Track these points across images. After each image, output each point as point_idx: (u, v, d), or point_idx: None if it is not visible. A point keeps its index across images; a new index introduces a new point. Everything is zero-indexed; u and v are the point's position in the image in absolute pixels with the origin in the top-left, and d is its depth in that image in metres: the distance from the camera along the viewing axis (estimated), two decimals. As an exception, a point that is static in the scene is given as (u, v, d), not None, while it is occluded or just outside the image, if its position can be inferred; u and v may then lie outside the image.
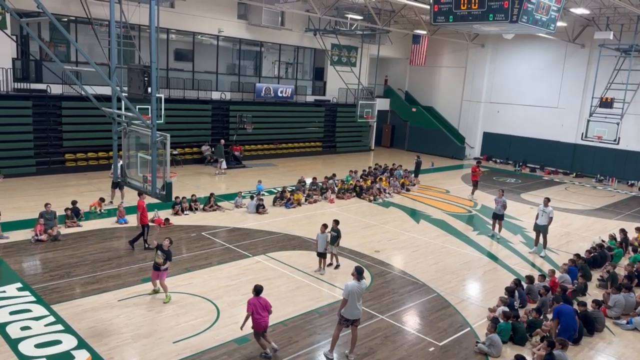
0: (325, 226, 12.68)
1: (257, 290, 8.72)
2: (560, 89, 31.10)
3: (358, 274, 8.85)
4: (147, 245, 13.49)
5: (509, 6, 11.68)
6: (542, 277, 12.49)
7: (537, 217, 15.49)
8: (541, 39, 29.83)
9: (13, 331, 8.99)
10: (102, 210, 16.28)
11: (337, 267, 13.08)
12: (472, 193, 22.58)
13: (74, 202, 15.41)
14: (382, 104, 36.08)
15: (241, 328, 8.79)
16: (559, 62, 30.98)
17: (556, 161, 31.41)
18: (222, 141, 25.12)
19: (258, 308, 8.56)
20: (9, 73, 19.91)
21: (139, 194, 12.61)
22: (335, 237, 12.81)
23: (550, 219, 15.25)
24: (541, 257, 15.12)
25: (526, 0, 11.59)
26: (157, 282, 10.70)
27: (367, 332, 9.81)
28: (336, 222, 13.01)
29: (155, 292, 10.82)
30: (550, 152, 31.65)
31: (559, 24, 14.25)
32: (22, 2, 12.10)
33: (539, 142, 32.10)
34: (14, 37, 20.64)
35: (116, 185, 16.38)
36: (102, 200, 16.55)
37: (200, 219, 16.52)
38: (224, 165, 24.16)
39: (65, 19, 21.45)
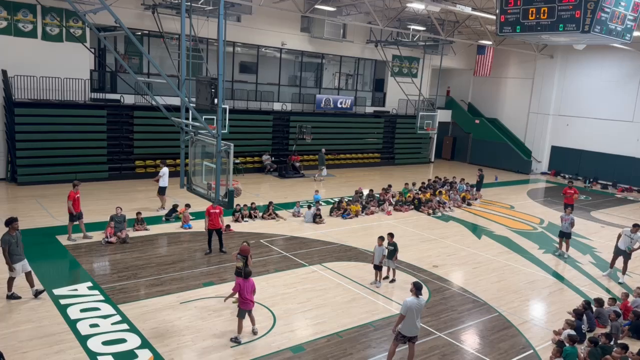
0: (382, 239, 12.56)
1: (247, 274, 9.53)
2: (636, 102, 29.34)
3: (417, 289, 8.67)
4: (208, 251, 13.92)
5: (580, 16, 11.16)
6: (613, 300, 11.75)
7: (618, 239, 14.57)
8: (615, 50, 28.34)
9: (83, 328, 9.51)
10: (189, 216, 16.52)
11: (392, 281, 12.90)
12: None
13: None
14: (444, 115, 35.43)
15: (225, 300, 10.12)
16: (635, 73, 29.26)
17: (631, 178, 29.54)
18: (324, 150, 26.02)
19: (243, 290, 9.33)
20: (86, 84, 21.27)
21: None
22: (393, 252, 12.65)
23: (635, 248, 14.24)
24: (619, 283, 14.17)
25: (600, 10, 11.04)
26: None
27: (424, 349, 9.60)
28: (391, 235, 12.85)
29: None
30: (624, 169, 29.82)
31: (636, 33, 13.48)
32: (101, 18, 12.93)
33: (612, 157, 30.36)
34: (92, 50, 22.05)
35: (162, 191, 17.56)
36: (187, 206, 16.82)
37: (259, 227, 16.85)
38: (324, 172, 25.10)
39: (139, 33, 22.65)
